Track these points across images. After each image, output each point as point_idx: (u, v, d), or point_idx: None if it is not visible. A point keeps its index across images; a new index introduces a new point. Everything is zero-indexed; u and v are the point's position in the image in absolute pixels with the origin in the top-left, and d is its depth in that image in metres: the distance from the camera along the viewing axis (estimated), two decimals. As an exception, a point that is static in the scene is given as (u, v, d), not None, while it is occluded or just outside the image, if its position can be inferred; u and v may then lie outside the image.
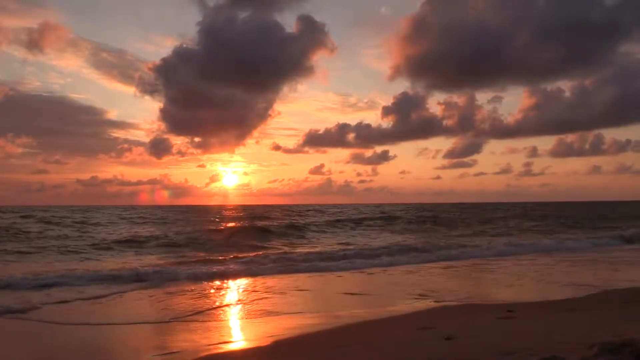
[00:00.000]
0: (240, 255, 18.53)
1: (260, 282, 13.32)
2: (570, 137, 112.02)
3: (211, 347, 6.93)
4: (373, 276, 14.46)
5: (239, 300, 10.99)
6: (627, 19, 57.01)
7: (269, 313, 9.38)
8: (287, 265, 16.05)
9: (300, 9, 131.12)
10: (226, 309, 10.06)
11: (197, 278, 13.73)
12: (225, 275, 14.29)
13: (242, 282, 13.37)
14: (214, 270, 14.86)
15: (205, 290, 12.16)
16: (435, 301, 10.10)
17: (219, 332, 7.92)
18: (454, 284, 12.80)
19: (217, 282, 13.33)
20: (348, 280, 13.83)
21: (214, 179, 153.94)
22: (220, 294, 11.78)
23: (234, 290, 12.32)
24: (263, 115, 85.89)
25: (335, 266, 16.19)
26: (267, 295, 11.27)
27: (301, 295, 11.54)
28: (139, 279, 13.35)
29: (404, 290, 11.71)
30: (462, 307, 9.45)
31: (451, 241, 24.63)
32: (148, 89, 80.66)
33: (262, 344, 6.98)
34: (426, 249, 20.37)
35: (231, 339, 7.48)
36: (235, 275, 14.44)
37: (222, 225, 35.69)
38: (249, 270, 15.09)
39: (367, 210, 66.83)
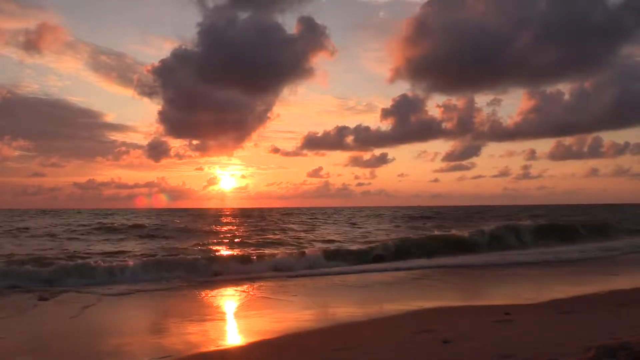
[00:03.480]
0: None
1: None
2: (569, 140, 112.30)
3: (201, 347, 6.91)
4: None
5: (233, 300, 11.00)
6: (628, 21, 56.95)
7: (264, 312, 9.41)
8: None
9: (302, 10, 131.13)
10: (221, 309, 10.09)
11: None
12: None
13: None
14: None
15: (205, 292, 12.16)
16: (431, 303, 10.08)
17: (211, 332, 7.91)
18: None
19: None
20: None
21: (211, 182, 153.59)
22: (217, 295, 11.79)
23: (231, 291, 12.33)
24: (262, 118, 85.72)
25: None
26: (262, 296, 11.29)
27: (296, 294, 11.55)
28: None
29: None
30: (459, 309, 9.44)
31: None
32: (146, 91, 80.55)
33: (252, 344, 6.97)
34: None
35: (221, 339, 7.48)
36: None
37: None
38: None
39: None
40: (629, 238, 27.89)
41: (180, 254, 17.89)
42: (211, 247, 22.62)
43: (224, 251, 20.75)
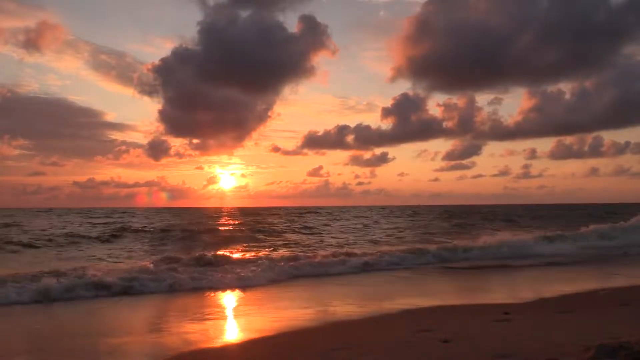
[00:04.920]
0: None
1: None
2: (569, 139, 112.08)
3: (200, 345, 6.91)
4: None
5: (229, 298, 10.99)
6: (629, 20, 56.94)
7: (260, 311, 9.40)
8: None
9: (303, 8, 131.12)
10: (221, 308, 10.09)
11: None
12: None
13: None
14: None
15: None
16: (431, 302, 10.07)
17: (211, 330, 7.90)
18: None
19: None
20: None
21: (211, 181, 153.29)
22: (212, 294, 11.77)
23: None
24: (262, 117, 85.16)
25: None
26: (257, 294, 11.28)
27: (294, 292, 11.53)
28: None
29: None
30: (458, 308, 9.43)
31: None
32: (147, 90, 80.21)
33: (251, 342, 6.96)
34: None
35: (220, 337, 7.47)
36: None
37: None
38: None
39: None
40: None
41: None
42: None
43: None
